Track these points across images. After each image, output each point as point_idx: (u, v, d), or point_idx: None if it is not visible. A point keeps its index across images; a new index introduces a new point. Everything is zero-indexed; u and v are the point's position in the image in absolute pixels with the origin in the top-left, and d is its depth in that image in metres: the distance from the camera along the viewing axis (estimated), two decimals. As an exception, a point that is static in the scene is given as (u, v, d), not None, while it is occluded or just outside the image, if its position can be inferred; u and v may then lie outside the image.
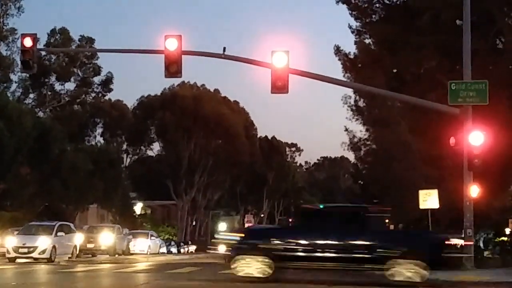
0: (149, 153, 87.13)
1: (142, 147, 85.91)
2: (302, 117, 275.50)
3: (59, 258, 33.18)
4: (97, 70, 69.56)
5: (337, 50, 38.97)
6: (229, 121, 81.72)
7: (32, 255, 32.23)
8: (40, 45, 50.97)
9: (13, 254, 32.47)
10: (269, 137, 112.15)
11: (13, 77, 63.18)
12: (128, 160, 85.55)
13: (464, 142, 24.44)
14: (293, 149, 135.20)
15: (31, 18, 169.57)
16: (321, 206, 21.47)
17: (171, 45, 25.28)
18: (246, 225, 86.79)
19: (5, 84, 61.26)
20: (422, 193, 34.27)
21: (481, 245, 41.58)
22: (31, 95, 67.36)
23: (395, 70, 34.78)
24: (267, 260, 18.55)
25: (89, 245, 42.10)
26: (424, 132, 34.98)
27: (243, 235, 19.52)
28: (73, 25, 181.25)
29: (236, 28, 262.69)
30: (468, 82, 25.10)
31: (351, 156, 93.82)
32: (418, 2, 32.25)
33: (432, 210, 34.14)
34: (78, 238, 37.49)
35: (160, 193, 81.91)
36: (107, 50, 37.24)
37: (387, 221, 23.16)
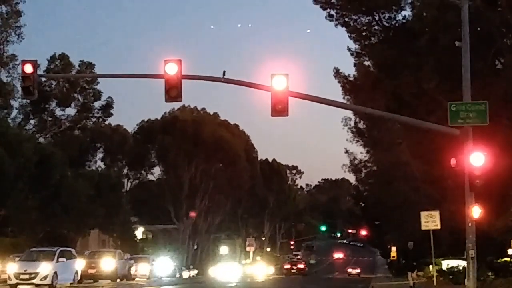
0: (150, 177, 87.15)
1: (142, 171, 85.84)
2: (302, 139, 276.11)
3: (61, 284, 33.04)
4: (97, 95, 69.60)
5: (337, 73, 39.15)
6: (230, 144, 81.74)
7: (34, 281, 32.07)
8: (40, 71, 51.18)
9: (14, 281, 32.31)
10: (270, 160, 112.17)
11: (14, 103, 63.22)
12: (129, 184, 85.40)
13: (465, 163, 24.37)
14: (294, 171, 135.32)
15: (31, 44, 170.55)
16: None
17: (171, 69, 25.26)
18: (248, 248, 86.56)
19: (5, 110, 61.26)
20: (423, 215, 34.27)
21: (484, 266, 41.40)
22: (32, 121, 67.40)
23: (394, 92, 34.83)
24: None
25: (91, 271, 41.84)
26: (425, 153, 35.00)
27: None
28: (73, 50, 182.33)
29: (235, 51, 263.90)
30: (468, 103, 25.08)
31: (352, 178, 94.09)
32: (416, 24, 32.42)
33: (434, 231, 34.10)
34: (80, 264, 37.33)
35: (161, 217, 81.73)
36: (107, 75, 37.16)
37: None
